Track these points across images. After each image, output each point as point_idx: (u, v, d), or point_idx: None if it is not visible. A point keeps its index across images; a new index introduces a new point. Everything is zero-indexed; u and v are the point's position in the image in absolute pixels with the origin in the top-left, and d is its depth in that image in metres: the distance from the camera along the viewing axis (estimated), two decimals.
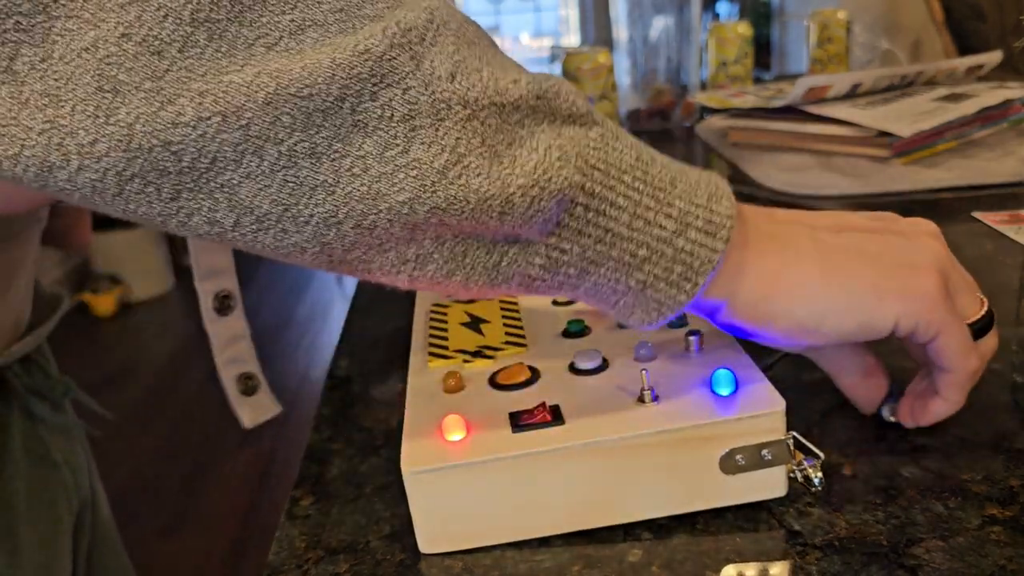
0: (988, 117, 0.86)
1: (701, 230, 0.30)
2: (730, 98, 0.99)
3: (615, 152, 0.29)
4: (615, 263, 0.30)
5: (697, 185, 0.30)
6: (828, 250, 0.32)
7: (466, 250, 0.28)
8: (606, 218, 0.29)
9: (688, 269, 0.30)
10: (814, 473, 0.32)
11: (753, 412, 0.31)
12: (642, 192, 0.29)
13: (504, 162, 0.27)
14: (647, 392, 0.32)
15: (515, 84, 0.27)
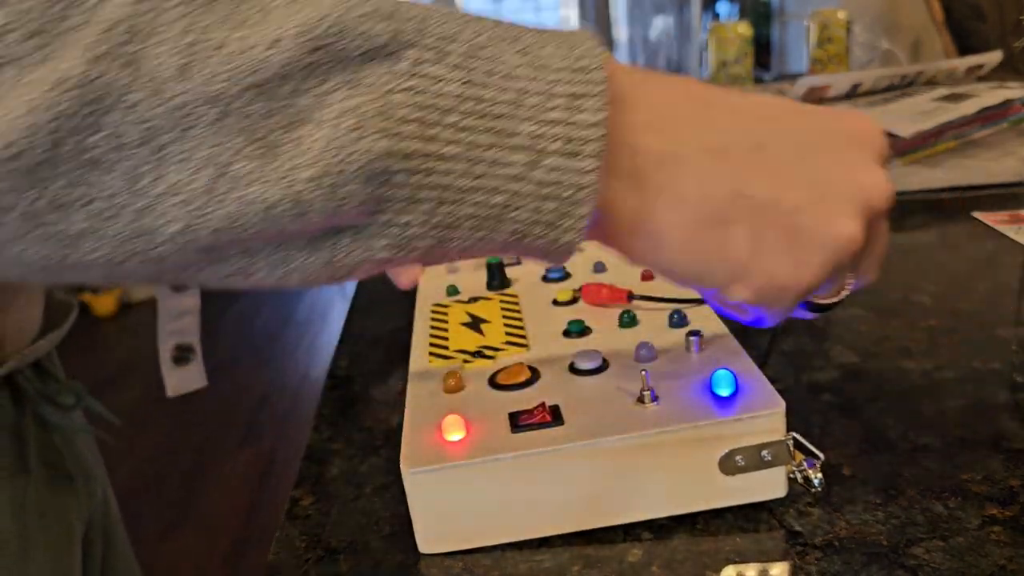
0: (988, 117, 0.86)
1: (560, 152, 0.24)
2: None
3: (434, 85, 0.23)
4: (473, 220, 0.24)
5: (554, 90, 0.24)
6: (712, 204, 0.26)
7: (286, 256, 0.24)
8: (438, 175, 0.23)
9: (561, 203, 0.24)
10: (814, 474, 0.32)
11: (753, 413, 0.31)
12: (476, 130, 0.23)
13: (285, 152, 0.22)
14: (647, 393, 0.32)
15: (275, 46, 0.21)
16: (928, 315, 0.48)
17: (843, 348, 0.45)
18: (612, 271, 0.47)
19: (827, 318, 0.49)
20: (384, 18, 0.22)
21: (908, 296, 0.51)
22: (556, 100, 0.24)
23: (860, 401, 0.40)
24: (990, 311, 0.48)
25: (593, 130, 0.24)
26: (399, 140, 0.22)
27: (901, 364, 0.43)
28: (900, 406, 0.39)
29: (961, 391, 0.40)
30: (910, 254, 0.59)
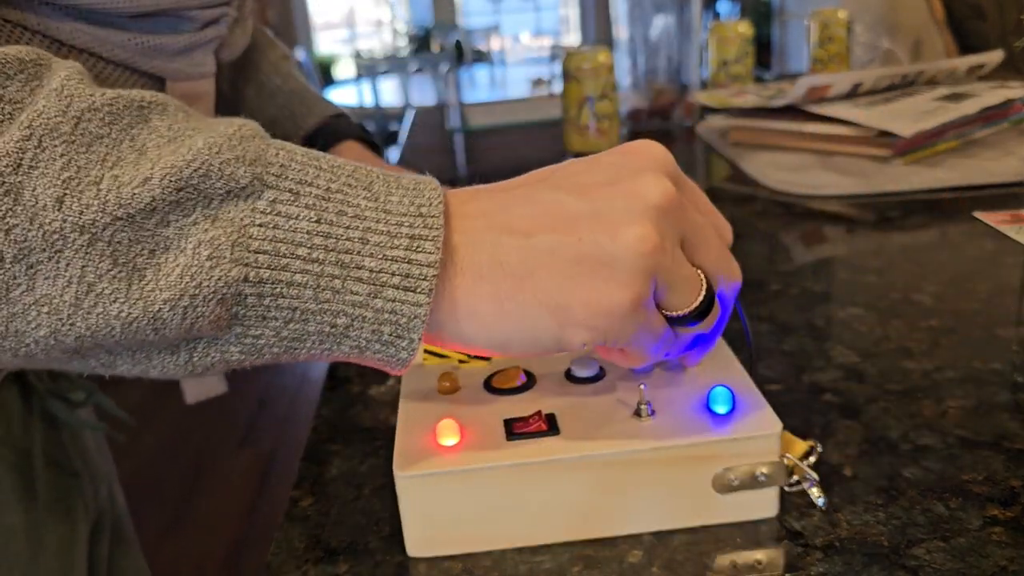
0: (989, 117, 0.86)
1: (399, 287, 0.27)
2: (731, 97, 0.99)
3: (287, 222, 0.26)
4: (318, 336, 0.27)
5: (398, 229, 0.27)
6: (508, 268, 0.28)
7: (148, 355, 0.27)
8: (287, 299, 0.26)
9: (397, 327, 0.27)
10: (817, 495, 0.32)
11: (749, 433, 0.31)
12: (323, 262, 0.26)
13: (146, 276, 0.25)
14: (644, 406, 0.32)
15: (145, 184, 0.24)
16: (929, 315, 0.48)
17: (844, 348, 0.45)
18: None
19: (827, 318, 0.49)
20: (248, 163, 0.26)
21: (909, 296, 0.51)
22: (398, 240, 0.27)
23: (861, 401, 0.40)
24: (991, 311, 0.48)
25: (428, 270, 0.27)
26: (251, 269, 0.25)
27: (902, 364, 0.43)
28: (901, 406, 0.39)
29: (962, 391, 0.40)
30: (911, 254, 0.59)
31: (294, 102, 0.61)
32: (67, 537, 0.51)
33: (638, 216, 0.28)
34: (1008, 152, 0.80)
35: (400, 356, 0.28)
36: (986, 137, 0.86)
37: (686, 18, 1.10)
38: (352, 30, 8.08)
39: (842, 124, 0.84)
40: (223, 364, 0.27)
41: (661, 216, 0.28)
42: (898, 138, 0.79)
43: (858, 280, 0.55)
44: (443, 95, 3.88)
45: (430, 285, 0.27)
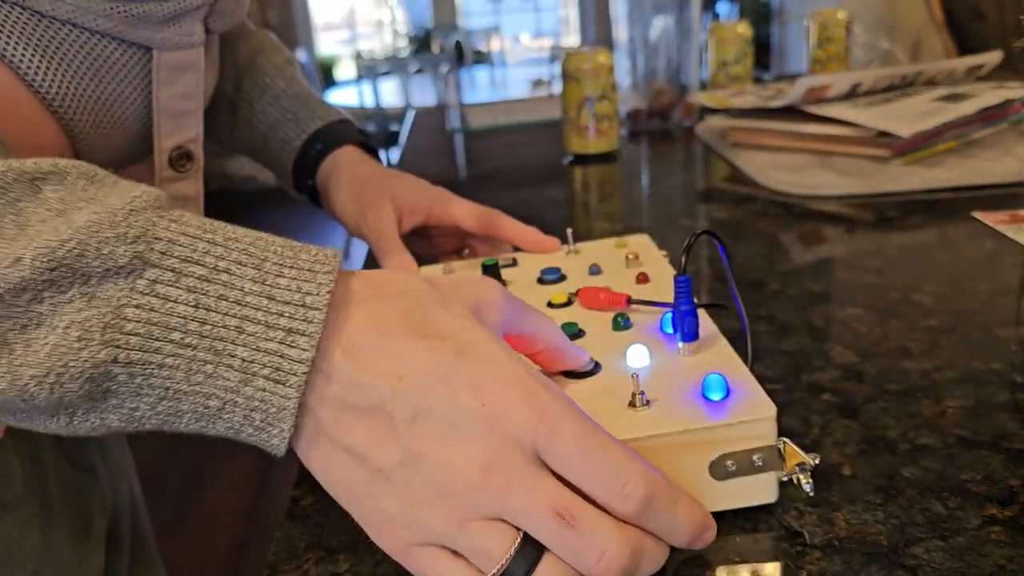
0: (988, 117, 0.86)
1: (269, 378, 0.27)
2: (730, 98, 0.99)
3: (164, 304, 0.26)
4: (192, 415, 0.27)
5: (276, 320, 0.27)
6: (354, 480, 0.28)
7: (29, 416, 0.27)
8: (158, 379, 0.26)
9: (267, 416, 0.27)
10: (805, 480, 0.32)
11: (744, 418, 0.31)
12: (197, 347, 0.26)
13: (16, 351, 0.25)
14: (638, 396, 0.32)
15: (16, 265, 0.24)
16: (928, 315, 0.48)
17: (843, 348, 0.45)
18: (607, 274, 0.47)
19: (826, 318, 0.49)
20: (129, 242, 0.26)
21: (908, 296, 0.51)
22: (274, 332, 0.27)
23: (860, 401, 0.40)
24: (990, 311, 0.48)
25: (299, 366, 0.27)
26: (121, 350, 0.25)
27: (901, 364, 0.43)
28: (900, 406, 0.39)
29: (961, 391, 0.40)
30: (910, 254, 0.59)
31: (297, 106, 0.61)
32: (81, 530, 0.51)
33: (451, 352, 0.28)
34: (1007, 152, 0.81)
35: (273, 443, 0.28)
36: (985, 137, 0.86)
37: (685, 19, 1.10)
38: (353, 31, 8.08)
39: (841, 124, 0.84)
40: (104, 429, 0.27)
41: (481, 315, 0.30)
42: (897, 138, 0.79)
43: (857, 280, 0.55)
44: (443, 96, 3.88)
45: (300, 381, 0.27)
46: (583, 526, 0.26)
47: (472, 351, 0.28)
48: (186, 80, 0.44)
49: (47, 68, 0.37)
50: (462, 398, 0.27)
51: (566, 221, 0.77)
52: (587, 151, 0.98)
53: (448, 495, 0.27)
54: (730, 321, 0.40)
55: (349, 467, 0.28)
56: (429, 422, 0.27)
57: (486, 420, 0.27)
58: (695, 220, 0.73)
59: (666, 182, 0.90)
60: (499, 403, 0.27)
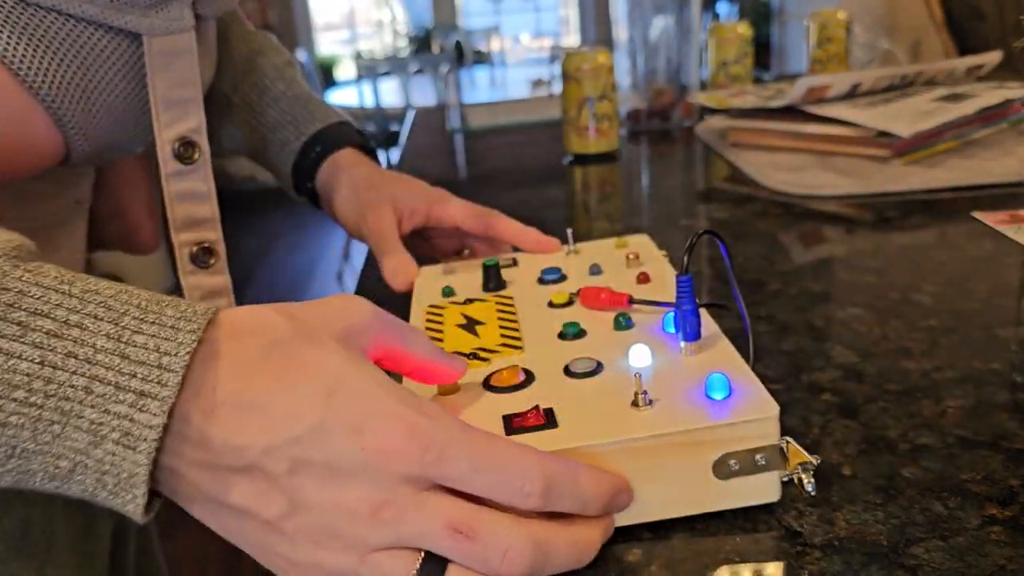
0: (988, 117, 0.86)
1: (118, 443, 0.26)
2: (730, 98, 0.99)
3: (8, 360, 0.25)
4: (44, 474, 0.26)
5: (128, 382, 0.26)
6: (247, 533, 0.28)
7: None
8: (3, 437, 0.25)
9: (119, 480, 0.26)
10: (807, 479, 0.32)
11: (747, 417, 0.31)
12: (42, 407, 0.25)
13: None
14: (641, 396, 0.32)
15: None
16: (928, 315, 0.48)
17: (843, 348, 0.45)
18: (608, 274, 0.47)
19: (826, 318, 0.49)
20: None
21: (908, 296, 0.51)
22: (124, 395, 0.25)
23: (860, 401, 0.40)
24: (990, 311, 0.48)
25: (149, 431, 0.25)
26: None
27: (901, 364, 0.43)
28: (900, 406, 0.39)
29: (961, 391, 0.40)
30: (910, 254, 0.59)
31: (296, 108, 0.60)
32: (85, 529, 0.51)
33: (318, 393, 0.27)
34: (1007, 152, 0.81)
35: (128, 509, 0.27)
36: (985, 137, 0.86)
37: (685, 19, 1.10)
38: (353, 31, 8.08)
39: (841, 124, 0.84)
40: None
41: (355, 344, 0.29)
42: (897, 138, 0.79)
43: (857, 280, 0.55)
44: (443, 96, 3.88)
45: (150, 447, 0.26)
46: (481, 533, 0.26)
47: (343, 389, 0.27)
48: (180, 66, 0.43)
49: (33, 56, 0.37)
50: (340, 444, 0.26)
51: (566, 221, 0.77)
52: (587, 151, 0.98)
53: (343, 536, 0.26)
54: (730, 321, 0.40)
55: (239, 522, 0.27)
56: (310, 470, 0.26)
57: (369, 463, 0.26)
58: (695, 220, 0.73)
59: (666, 182, 0.90)
60: (380, 444, 0.26)
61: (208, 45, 0.50)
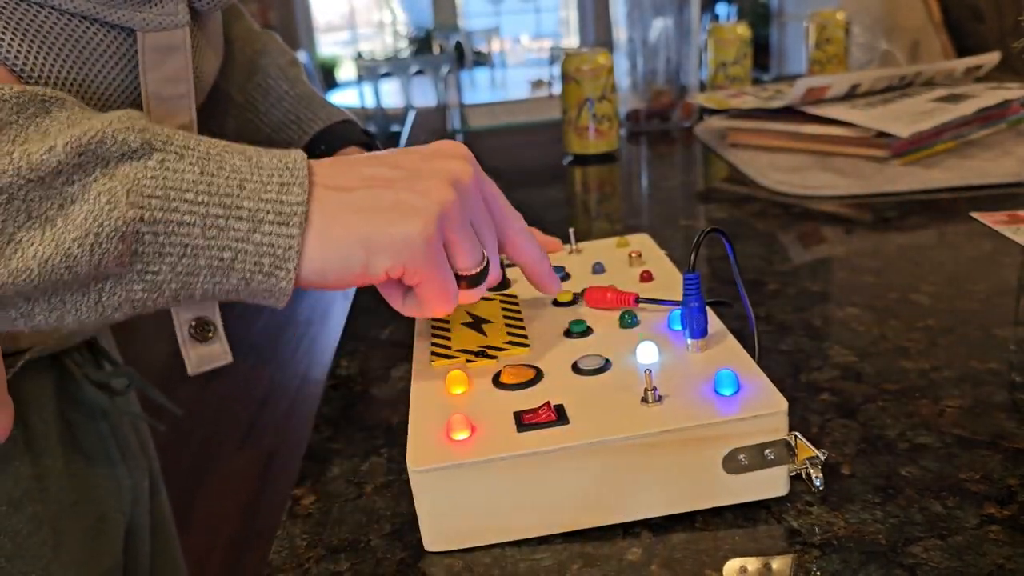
0: (986, 117, 0.86)
1: (274, 223, 0.32)
2: (729, 99, 0.99)
3: (175, 175, 0.31)
4: (208, 270, 0.32)
5: (269, 179, 0.32)
6: (330, 211, 0.33)
7: (63, 299, 0.31)
8: (179, 236, 0.31)
9: (275, 259, 0.32)
10: (815, 474, 0.32)
11: (756, 412, 0.31)
12: (208, 204, 0.31)
13: (57, 224, 0.29)
14: (651, 392, 0.33)
15: (50, 152, 0.29)
16: (926, 315, 0.48)
17: (841, 348, 0.45)
18: (611, 273, 0.47)
19: (824, 318, 0.50)
20: (138, 132, 0.31)
21: (906, 296, 0.51)
22: (270, 186, 0.32)
23: (858, 401, 0.40)
24: (988, 311, 0.48)
25: (298, 207, 0.32)
26: (145, 211, 0.30)
27: (899, 364, 0.43)
28: (898, 406, 0.39)
29: (959, 391, 0.40)
30: (908, 254, 0.59)
31: (300, 108, 0.61)
32: (94, 527, 0.51)
33: (442, 181, 0.34)
34: (1005, 153, 0.81)
35: (280, 286, 0.32)
36: (983, 138, 0.86)
37: (685, 20, 1.10)
38: (353, 32, 8.08)
39: (840, 125, 0.84)
40: (129, 304, 0.32)
41: (460, 189, 0.35)
42: (896, 139, 0.79)
43: (856, 280, 0.55)
44: (444, 97, 3.88)
45: (300, 220, 0.32)
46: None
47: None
48: (173, 62, 0.43)
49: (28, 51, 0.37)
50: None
51: (566, 221, 0.77)
52: (587, 151, 0.98)
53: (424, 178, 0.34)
54: (731, 320, 0.40)
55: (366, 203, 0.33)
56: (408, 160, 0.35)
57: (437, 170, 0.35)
58: (695, 220, 0.73)
59: (665, 183, 0.90)
60: (451, 148, 0.36)
61: (213, 41, 0.50)
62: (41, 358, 0.48)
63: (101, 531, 0.52)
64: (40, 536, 0.46)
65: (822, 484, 0.32)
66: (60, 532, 0.48)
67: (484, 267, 0.36)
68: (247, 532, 1.77)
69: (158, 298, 0.32)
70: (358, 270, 0.33)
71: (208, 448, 2.10)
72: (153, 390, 0.58)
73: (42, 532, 0.47)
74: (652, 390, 0.32)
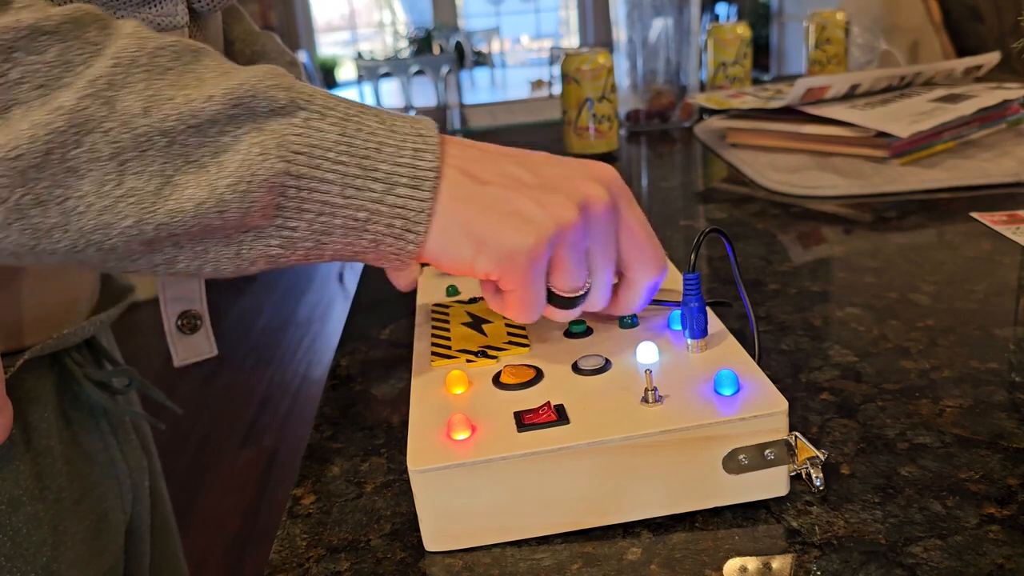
0: (986, 118, 0.86)
1: (407, 186, 0.33)
2: (729, 99, 0.99)
3: (318, 133, 0.32)
4: (343, 229, 0.33)
5: (403, 143, 0.33)
6: (460, 197, 0.34)
7: (206, 248, 0.32)
8: (319, 193, 0.32)
9: (407, 221, 0.33)
10: (815, 474, 0.32)
11: (756, 412, 0.31)
12: (348, 164, 0.32)
13: (212, 169, 0.31)
14: (651, 392, 0.33)
15: (209, 101, 0.30)
16: (926, 315, 0.48)
17: (841, 348, 0.45)
18: None
19: (824, 318, 0.50)
20: (285, 89, 0.32)
21: (906, 296, 0.51)
22: (405, 151, 0.33)
23: (858, 400, 0.40)
24: (988, 311, 0.48)
25: (430, 173, 0.33)
26: (292, 165, 0.31)
27: (899, 363, 0.43)
28: (898, 405, 0.39)
29: (959, 390, 0.40)
30: (908, 254, 0.59)
31: None
32: (95, 526, 0.51)
33: (570, 201, 0.34)
34: (1005, 153, 0.81)
35: (408, 249, 0.34)
36: (983, 138, 0.86)
37: (685, 20, 1.11)
38: (354, 32, 8.08)
39: (840, 125, 0.84)
40: (264, 259, 0.33)
41: (588, 215, 0.35)
42: (895, 139, 0.80)
43: (855, 280, 0.55)
44: (444, 97, 3.88)
45: (432, 185, 0.33)
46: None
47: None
48: None
49: None
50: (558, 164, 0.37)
51: None
52: (587, 152, 0.98)
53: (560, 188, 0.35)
54: (731, 320, 0.40)
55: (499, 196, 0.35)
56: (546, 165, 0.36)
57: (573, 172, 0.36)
58: (694, 220, 0.73)
59: (665, 183, 0.90)
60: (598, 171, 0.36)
61: (211, 38, 0.50)
62: (41, 357, 0.48)
63: (102, 530, 0.52)
64: (40, 535, 0.46)
65: (822, 484, 0.32)
66: (60, 531, 0.48)
67: (583, 293, 0.36)
68: (248, 532, 1.77)
69: (291, 255, 0.33)
70: (466, 264, 0.34)
71: (208, 448, 2.10)
72: (153, 389, 0.58)
73: (42, 531, 0.47)
74: (652, 390, 0.32)
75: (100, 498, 0.52)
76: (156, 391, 0.59)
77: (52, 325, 0.48)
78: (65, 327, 0.49)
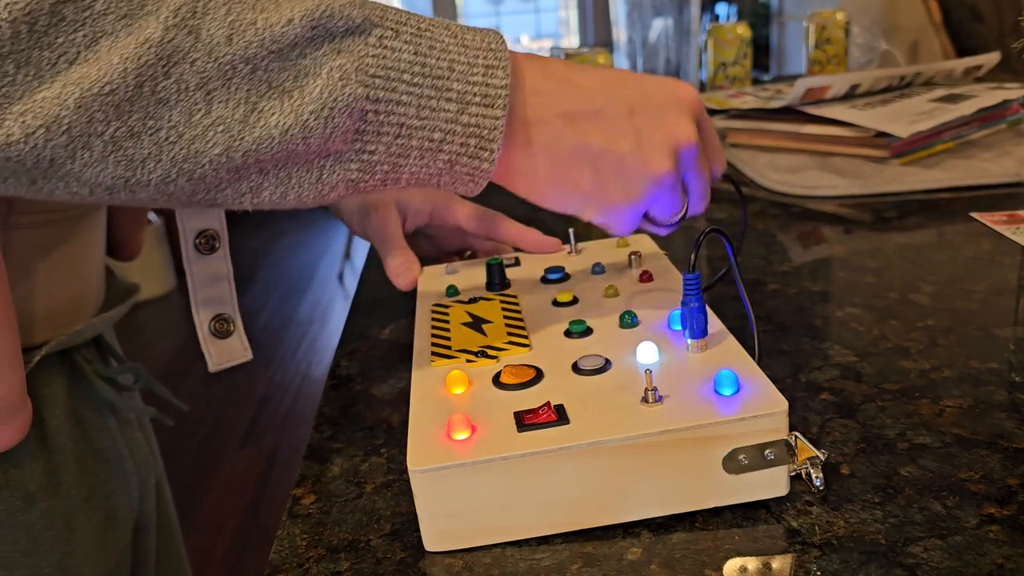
0: (986, 118, 0.86)
1: (480, 104, 0.34)
2: (729, 99, 0.99)
3: (393, 54, 0.32)
4: (419, 151, 0.34)
5: (475, 60, 0.34)
6: (563, 150, 0.36)
7: (289, 174, 0.33)
8: (396, 115, 0.33)
9: (481, 140, 0.34)
10: (815, 474, 0.32)
11: (756, 412, 0.31)
12: (422, 85, 0.33)
13: (295, 95, 0.31)
14: (651, 392, 0.33)
15: (289, 24, 0.30)
16: (926, 315, 0.48)
17: (841, 348, 0.45)
18: (611, 272, 0.47)
19: (824, 318, 0.50)
20: (359, 6, 0.32)
21: (906, 296, 0.51)
22: (476, 68, 0.34)
23: (858, 400, 0.40)
24: (988, 311, 0.48)
25: (502, 91, 0.34)
26: (370, 88, 0.32)
27: (899, 364, 0.43)
28: (898, 405, 0.39)
29: (959, 391, 0.40)
30: (908, 254, 0.59)
31: None
32: (104, 522, 0.51)
33: (666, 155, 0.37)
34: (1005, 153, 0.81)
35: (483, 167, 0.35)
36: (983, 138, 0.86)
37: (684, 20, 1.11)
38: None
39: (840, 125, 0.84)
40: (343, 184, 0.34)
41: (680, 156, 0.38)
42: (895, 139, 0.80)
43: (855, 280, 0.55)
44: None
45: (504, 102, 0.34)
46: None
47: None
48: None
49: None
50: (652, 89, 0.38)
51: (565, 222, 0.77)
52: None
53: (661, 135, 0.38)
54: (731, 320, 0.40)
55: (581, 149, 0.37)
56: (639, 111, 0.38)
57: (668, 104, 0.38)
58: (695, 220, 0.73)
59: None
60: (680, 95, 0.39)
61: None
62: (52, 355, 0.48)
63: (111, 527, 0.52)
64: (53, 531, 0.47)
65: (822, 484, 0.32)
66: (72, 527, 0.48)
67: (680, 219, 0.40)
68: (248, 531, 1.77)
69: (370, 180, 0.34)
70: (570, 211, 0.38)
71: (209, 448, 2.10)
72: (159, 386, 0.58)
73: (55, 527, 0.47)
74: (652, 390, 0.32)
75: (109, 495, 0.52)
76: (161, 388, 0.59)
77: (62, 322, 0.48)
78: (74, 324, 0.49)
